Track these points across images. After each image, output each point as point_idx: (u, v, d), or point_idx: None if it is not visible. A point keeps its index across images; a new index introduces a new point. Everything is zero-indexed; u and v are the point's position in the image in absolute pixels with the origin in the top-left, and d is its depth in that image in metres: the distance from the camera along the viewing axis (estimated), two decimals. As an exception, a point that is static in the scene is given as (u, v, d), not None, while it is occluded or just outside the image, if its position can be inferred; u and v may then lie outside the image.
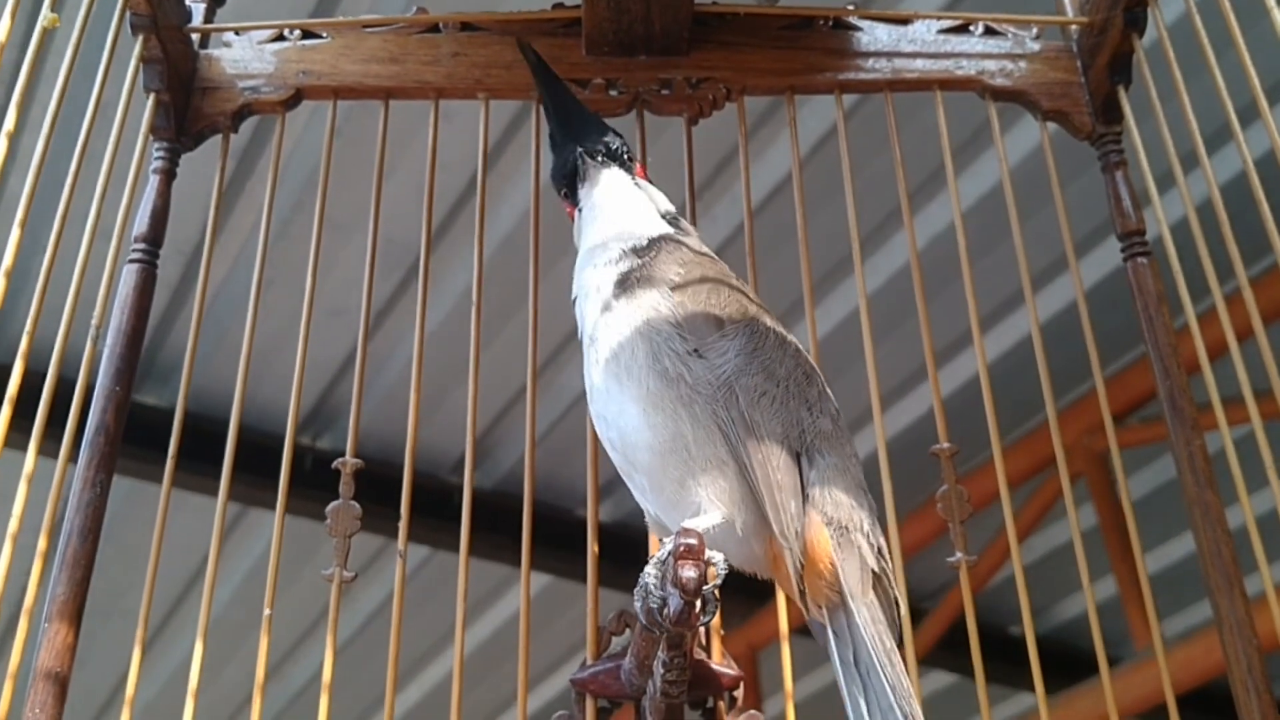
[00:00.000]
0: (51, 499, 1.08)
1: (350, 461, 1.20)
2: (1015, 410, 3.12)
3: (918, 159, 1.59)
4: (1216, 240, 1.16)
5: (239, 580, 3.80)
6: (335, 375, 3.22)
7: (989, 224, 1.32)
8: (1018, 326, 3.04)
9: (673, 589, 0.86)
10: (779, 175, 2.69)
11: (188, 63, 1.35)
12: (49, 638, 1.06)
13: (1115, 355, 2.99)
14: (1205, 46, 1.21)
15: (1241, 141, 1.16)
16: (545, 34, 1.40)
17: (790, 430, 1.00)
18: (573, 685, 1.16)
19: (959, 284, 1.29)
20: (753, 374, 1.00)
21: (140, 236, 1.26)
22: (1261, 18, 1.14)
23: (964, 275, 1.29)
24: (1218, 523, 1.16)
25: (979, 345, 1.27)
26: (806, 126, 2.45)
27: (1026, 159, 2.41)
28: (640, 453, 1.00)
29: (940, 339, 1.34)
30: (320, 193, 1.35)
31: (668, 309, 1.03)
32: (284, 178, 2.63)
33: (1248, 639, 1.11)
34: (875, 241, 2.83)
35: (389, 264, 2.81)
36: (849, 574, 0.96)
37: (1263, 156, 1.12)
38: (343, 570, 1.16)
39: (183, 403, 1.19)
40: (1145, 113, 1.29)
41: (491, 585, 3.82)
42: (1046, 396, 1.24)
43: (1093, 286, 2.76)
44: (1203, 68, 1.21)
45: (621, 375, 1.02)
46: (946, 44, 1.40)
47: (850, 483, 1.01)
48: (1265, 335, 1.10)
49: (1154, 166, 1.26)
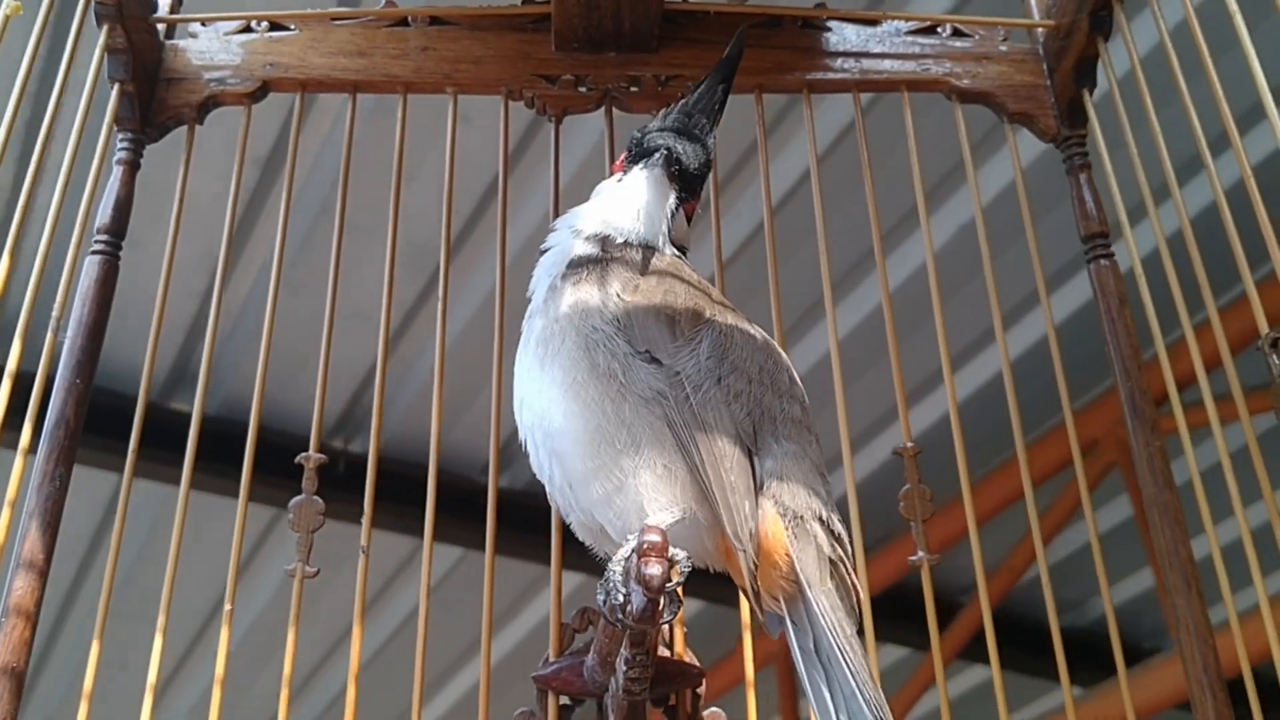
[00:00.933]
0: (10, 492, 1.07)
1: (314, 457, 1.19)
2: (1048, 400, 3.12)
3: (936, 157, 1.58)
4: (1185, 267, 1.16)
5: (276, 584, 3.77)
6: (364, 379, 3.20)
7: (1012, 221, 1.32)
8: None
9: (636, 586, 0.86)
10: (793, 177, 2.69)
11: (153, 53, 1.34)
12: (5, 633, 1.05)
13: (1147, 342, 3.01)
14: (1176, 72, 1.21)
15: (1213, 172, 1.16)
16: (515, 29, 1.40)
17: (750, 423, 1.00)
18: (535, 682, 1.16)
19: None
20: (726, 374, 1.00)
21: (103, 228, 1.25)
22: (1233, 46, 1.15)
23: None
24: (1176, 523, 1.17)
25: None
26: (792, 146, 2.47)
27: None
28: (560, 440, 1.00)
29: (965, 336, 1.34)
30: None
31: (614, 307, 1.02)
32: (309, 182, 2.66)
33: (1204, 639, 1.12)
34: (901, 233, 2.79)
35: (415, 267, 2.79)
36: (806, 564, 0.96)
37: (1233, 186, 1.13)
38: (305, 565, 1.15)
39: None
40: (1117, 144, 1.29)
41: (525, 584, 3.81)
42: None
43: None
44: (1173, 96, 1.21)
45: (546, 360, 1.01)
46: (914, 45, 1.41)
47: (808, 469, 1.01)
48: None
49: (1126, 198, 1.27)
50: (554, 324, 1.03)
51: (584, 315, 1.02)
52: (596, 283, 1.04)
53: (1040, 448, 2.74)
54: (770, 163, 1.41)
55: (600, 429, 0.97)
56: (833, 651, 0.93)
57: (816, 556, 0.97)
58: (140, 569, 3.51)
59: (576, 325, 1.01)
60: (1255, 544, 1.08)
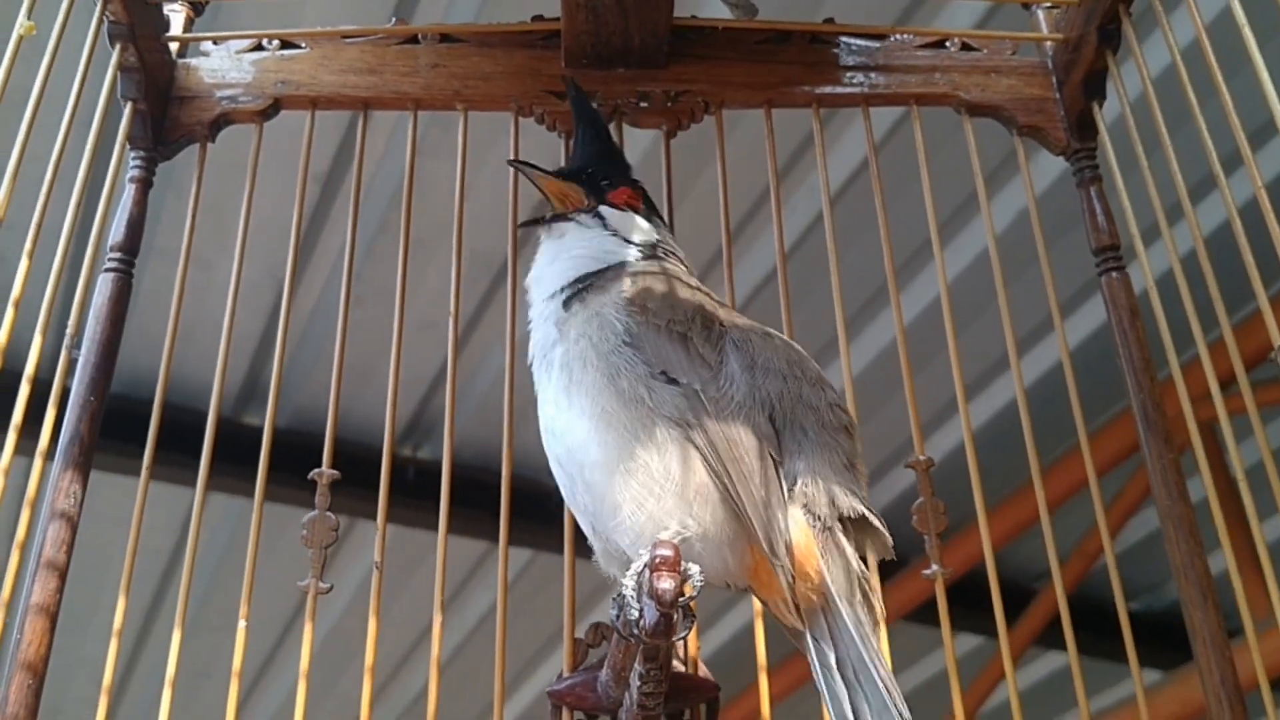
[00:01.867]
0: (25, 509, 1.07)
1: (327, 474, 1.19)
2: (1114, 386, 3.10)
3: (959, 177, 1.58)
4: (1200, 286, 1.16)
5: (356, 585, 3.78)
6: (431, 385, 3.25)
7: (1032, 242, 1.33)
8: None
9: (649, 600, 0.86)
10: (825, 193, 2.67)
11: (165, 72, 1.35)
12: (23, 646, 1.05)
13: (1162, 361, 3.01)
14: (1188, 90, 1.21)
15: (1225, 188, 1.16)
16: (524, 46, 1.40)
17: (773, 427, 1.00)
18: (549, 697, 1.16)
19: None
20: (747, 380, 1.01)
21: (116, 245, 1.25)
22: (1245, 64, 1.15)
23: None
24: (1191, 536, 1.17)
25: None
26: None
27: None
28: (590, 471, 0.99)
29: (1027, 323, 1.31)
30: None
31: (623, 329, 1.02)
32: (368, 198, 2.66)
33: (1220, 651, 1.12)
34: (924, 257, 2.76)
35: (475, 274, 2.82)
36: (836, 576, 0.96)
37: (1246, 204, 1.12)
38: (318, 581, 1.15)
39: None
40: (1129, 165, 1.28)
41: (597, 583, 3.83)
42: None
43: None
44: (1185, 115, 1.21)
45: (571, 389, 1.01)
46: (923, 59, 1.41)
47: (839, 463, 1.01)
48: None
49: (1139, 219, 1.27)
50: (572, 347, 1.03)
51: (600, 340, 1.02)
52: (601, 308, 1.05)
53: (1112, 431, 2.80)
54: (800, 185, 1.41)
55: (634, 456, 0.96)
56: (862, 664, 0.93)
57: (845, 570, 0.97)
58: (220, 581, 3.65)
59: (596, 348, 1.01)
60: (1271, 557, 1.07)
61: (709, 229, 1.36)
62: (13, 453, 1.06)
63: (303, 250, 2.83)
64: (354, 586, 3.76)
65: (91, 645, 3.88)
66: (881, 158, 1.39)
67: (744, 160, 1.46)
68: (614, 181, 1.21)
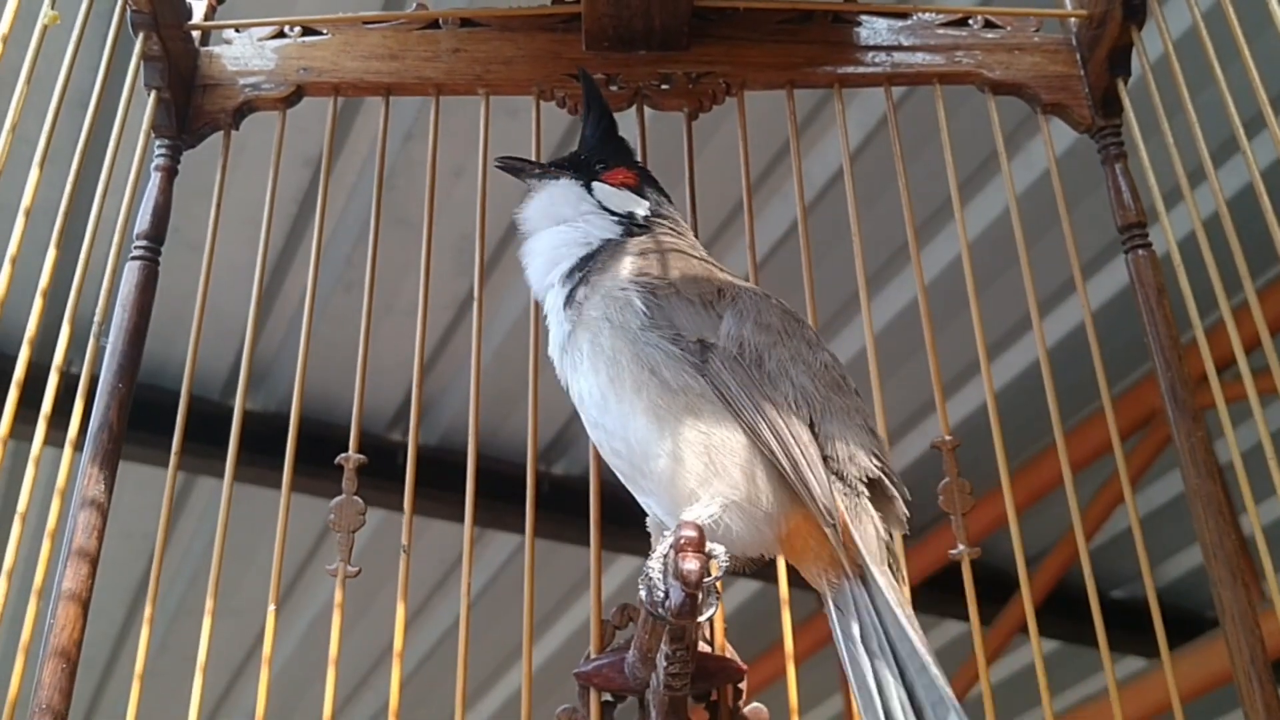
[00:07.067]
0: (56, 497, 1.08)
1: (354, 458, 1.20)
2: (1115, 365, 3.08)
3: (971, 147, 1.57)
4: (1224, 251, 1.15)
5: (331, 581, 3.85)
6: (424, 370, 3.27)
7: (1049, 208, 1.32)
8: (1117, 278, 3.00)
9: (675, 581, 0.86)
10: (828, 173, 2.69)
11: (188, 60, 1.35)
12: (55, 632, 1.06)
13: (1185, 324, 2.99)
14: (1210, 54, 1.20)
15: (1248, 151, 1.15)
16: (545, 29, 1.40)
17: (803, 385, 1.01)
18: (576, 679, 1.17)
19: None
20: (772, 346, 1.01)
21: (142, 234, 1.26)
22: (1268, 27, 1.14)
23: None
24: (1220, 514, 1.16)
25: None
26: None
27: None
28: (654, 461, 1.00)
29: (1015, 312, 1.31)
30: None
31: (640, 300, 1.03)
32: (362, 181, 2.67)
33: (1250, 630, 1.11)
34: (937, 223, 2.68)
35: (469, 259, 2.81)
36: (867, 541, 0.97)
37: (1270, 166, 1.12)
38: (346, 565, 1.16)
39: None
40: (1152, 130, 1.28)
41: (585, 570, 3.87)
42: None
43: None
44: (1208, 80, 1.20)
45: (620, 386, 1.01)
46: (946, 37, 1.40)
47: (859, 426, 1.02)
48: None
49: (1161, 183, 1.26)
50: (598, 337, 1.04)
51: (624, 323, 1.02)
52: (611, 288, 1.06)
53: (1100, 420, 2.74)
54: (803, 159, 1.41)
55: (690, 441, 0.97)
56: (898, 626, 0.93)
57: (875, 535, 0.98)
58: (210, 564, 3.60)
59: (624, 332, 1.02)
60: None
61: (713, 205, 1.35)
62: (43, 442, 1.07)
63: (296, 233, 2.78)
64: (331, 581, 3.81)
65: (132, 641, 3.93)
66: (887, 130, 1.38)
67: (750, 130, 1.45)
68: (609, 164, 1.23)
